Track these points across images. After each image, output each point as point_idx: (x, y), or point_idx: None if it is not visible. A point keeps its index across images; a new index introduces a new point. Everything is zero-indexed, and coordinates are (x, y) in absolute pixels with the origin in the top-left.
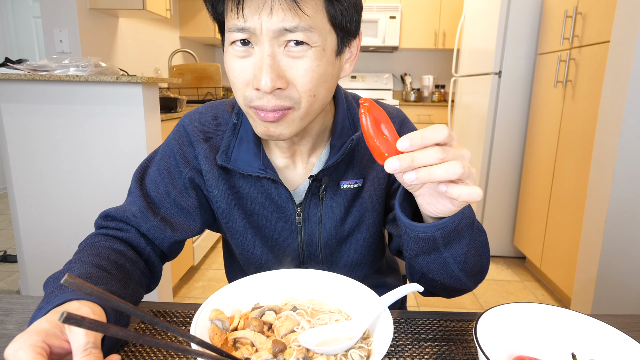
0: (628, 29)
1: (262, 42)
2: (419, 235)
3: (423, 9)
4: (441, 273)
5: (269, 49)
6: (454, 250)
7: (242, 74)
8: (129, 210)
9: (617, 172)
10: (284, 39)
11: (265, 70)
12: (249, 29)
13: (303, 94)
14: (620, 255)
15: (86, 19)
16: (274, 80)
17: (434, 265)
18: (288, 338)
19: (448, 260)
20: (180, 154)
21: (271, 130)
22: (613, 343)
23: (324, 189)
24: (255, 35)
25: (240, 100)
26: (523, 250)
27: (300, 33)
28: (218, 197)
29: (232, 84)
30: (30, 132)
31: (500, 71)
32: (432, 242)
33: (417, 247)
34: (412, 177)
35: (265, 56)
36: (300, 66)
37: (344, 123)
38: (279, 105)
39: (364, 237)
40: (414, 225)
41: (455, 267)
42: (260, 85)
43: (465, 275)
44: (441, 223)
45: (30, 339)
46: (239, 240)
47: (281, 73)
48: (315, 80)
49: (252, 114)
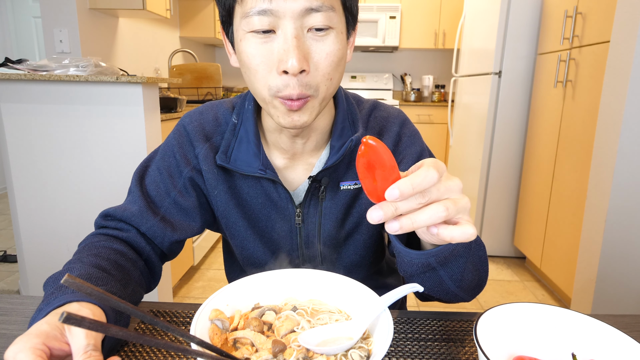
0: (628, 29)
1: (285, 25)
2: (412, 261)
3: (423, 9)
4: (437, 290)
5: (294, 30)
6: (450, 270)
7: (265, 60)
8: (129, 209)
9: (617, 172)
10: (307, 22)
11: (293, 51)
12: (272, 11)
13: (322, 78)
14: (620, 255)
15: (86, 19)
16: (301, 61)
17: (430, 283)
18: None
19: (444, 279)
20: (181, 153)
21: (295, 119)
22: (613, 343)
23: (324, 190)
24: (277, 18)
25: (262, 91)
26: (523, 250)
27: (324, 13)
28: (218, 197)
29: (254, 73)
30: (30, 132)
31: (500, 71)
32: (427, 266)
33: (412, 270)
34: (395, 227)
35: (290, 38)
36: (322, 50)
37: (344, 124)
38: (302, 93)
39: (364, 239)
40: (408, 252)
41: (451, 284)
42: (287, 66)
43: (462, 291)
44: (436, 251)
45: (31, 341)
46: (238, 240)
47: (306, 55)
48: (334, 63)
49: (277, 104)
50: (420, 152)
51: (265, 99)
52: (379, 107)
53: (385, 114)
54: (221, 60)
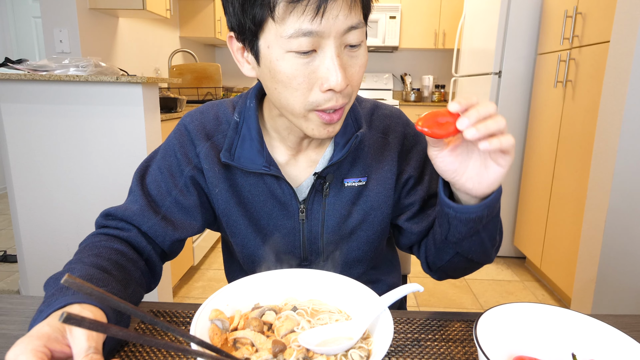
0: (628, 29)
1: (328, 44)
2: (469, 217)
3: (423, 9)
4: (479, 252)
5: (335, 50)
6: (489, 230)
7: (307, 79)
8: (130, 209)
9: (617, 172)
10: (345, 40)
11: (338, 70)
12: (317, 32)
13: (356, 88)
14: (620, 255)
15: (86, 19)
16: (345, 79)
17: (475, 246)
18: (288, 338)
19: (484, 239)
20: (182, 152)
21: (330, 130)
22: (613, 343)
23: (328, 186)
24: (320, 38)
25: (297, 106)
26: (523, 250)
27: (360, 30)
28: (219, 195)
29: (292, 91)
30: (30, 132)
31: (500, 71)
32: (480, 221)
33: (466, 230)
34: (473, 131)
35: (334, 57)
36: (356, 63)
37: (348, 121)
38: (344, 103)
39: (367, 235)
40: (467, 208)
41: (488, 243)
42: (332, 85)
43: (494, 250)
44: (489, 200)
45: (32, 343)
46: (239, 238)
47: (346, 71)
48: (363, 73)
49: (313, 117)
50: (425, 150)
51: (299, 113)
52: (381, 106)
53: (388, 112)
54: (221, 60)
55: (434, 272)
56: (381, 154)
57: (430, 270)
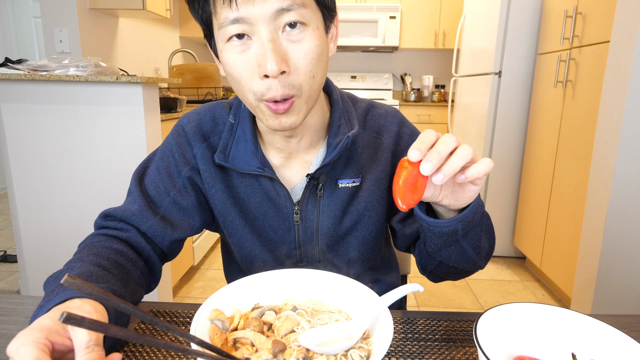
0: (628, 29)
1: (259, 30)
2: (442, 231)
3: (423, 9)
4: (460, 260)
5: (268, 34)
6: (470, 239)
7: (246, 67)
8: (129, 209)
9: (617, 172)
10: (280, 22)
11: (270, 54)
12: (243, 19)
13: (304, 77)
14: (620, 255)
15: (86, 19)
16: (279, 63)
17: (455, 255)
18: (288, 338)
19: (466, 249)
20: (179, 153)
21: (283, 121)
22: (613, 343)
23: (322, 187)
24: (250, 25)
25: (249, 96)
26: (523, 250)
27: (295, 12)
28: (215, 195)
29: (238, 80)
30: (30, 132)
31: (500, 71)
32: (454, 234)
33: (441, 242)
34: (440, 177)
35: (266, 42)
36: (300, 49)
37: (340, 121)
38: (286, 93)
39: (362, 236)
40: (439, 222)
41: (472, 252)
42: (267, 70)
43: (479, 257)
44: (462, 215)
45: (33, 335)
46: (236, 238)
47: (284, 56)
48: (314, 60)
49: (263, 108)
50: None
51: (252, 104)
52: (376, 106)
53: (382, 112)
54: None
55: (428, 274)
56: (375, 154)
57: (425, 272)
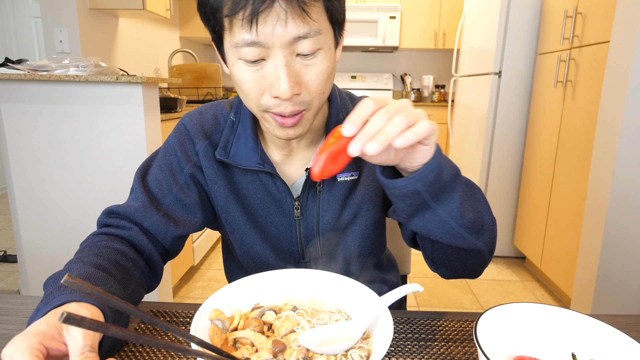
0: (628, 29)
1: (275, 54)
2: (403, 191)
3: (423, 9)
4: (441, 232)
5: (283, 59)
6: (447, 206)
7: (257, 85)
8: (132, 206)
9: (617, 172)
10: (295, 48)
11: (284, 79)
12: (260, 43)
13: (315, 94)
14: (620, 255)
15: (86, 19)
16: (292, 87)
17: (432, 225)
18: (288, 338)
19: (444, 217)
20: (182, 150)
21: (290, 133)
22: (613, 343)
23: (321, 182)
24: (266, 49)
25: (253, 107)
26: (523, 250)
27: (311, 39)
28: (217, 192)
29: (245, 93)
30: (30, 132)
31: (500, 71)
32: (418, 196)
33: (406, 205)
34: (373, 145)
35: (281, 66)
36: (312, 71)
37: (338, 117)
38: (295, 110)
39: (362, 229)
40: (394, 182)
41: (452, 222)
42: (279, 93)
43: (467, 231)
44: (418, 173)
45: (28, 340)
46: (238, 234)
47: (297, 80)
48: (325, 80)
49: (269, 118)
50: None
51: (257, 113)
52: None
53: None
54: None
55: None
56: None
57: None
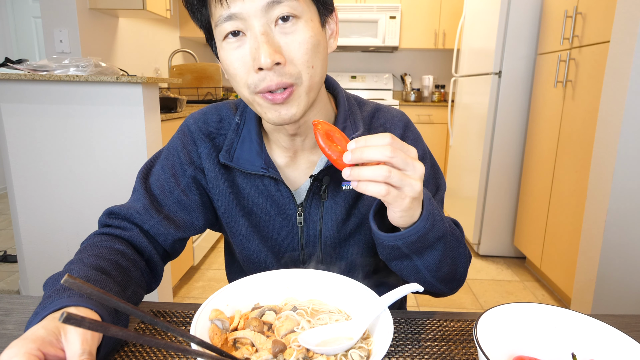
0: (628, 29)
1: (252, 25)
2: (383, 243)
3: (423, 9)
4: (414, 278)
5: (261, 28)
6: (426, 260)
7: (242, 63)
8: (133, 207)
9: (617, 172)
10: (272, 16)
11: (262, 47)
12: (235, 15)
13: (302, 67)
14: (620, 255)
15: (86, 19)
16: (272, 55)
17: (407, 271)
18: (288, 338)
19: (420, 268)
20: (184, 153)
21: (282, 113)
22: (613, 343)
23: (325, 189)
24: (243, 20)
25: (244, 92)
26: (523, 250)
27: (286, 4)
28: (219, 195)
29: (234, 77)
30: (30, 132)
31: (500, 71)
32: (397, 250)
33: (386, 253)
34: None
35: (258, 35)
36: (294, 40)
37: (346, 123)
38: (282, 82)
39: (365, 239)
40: (379, 234)
41: (427, 274)
42: (260, 62)
43: (439, 281)
44: (401, 234)
45: (26, 346)
46: (239, 239)
47: (277, 49)
48: (310, 50)
49: (260, 100)
50: (422, 155)
51: (248, 99)
52: (382, 109)
53: (388, 115)
54: None
55: None
56: None
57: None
